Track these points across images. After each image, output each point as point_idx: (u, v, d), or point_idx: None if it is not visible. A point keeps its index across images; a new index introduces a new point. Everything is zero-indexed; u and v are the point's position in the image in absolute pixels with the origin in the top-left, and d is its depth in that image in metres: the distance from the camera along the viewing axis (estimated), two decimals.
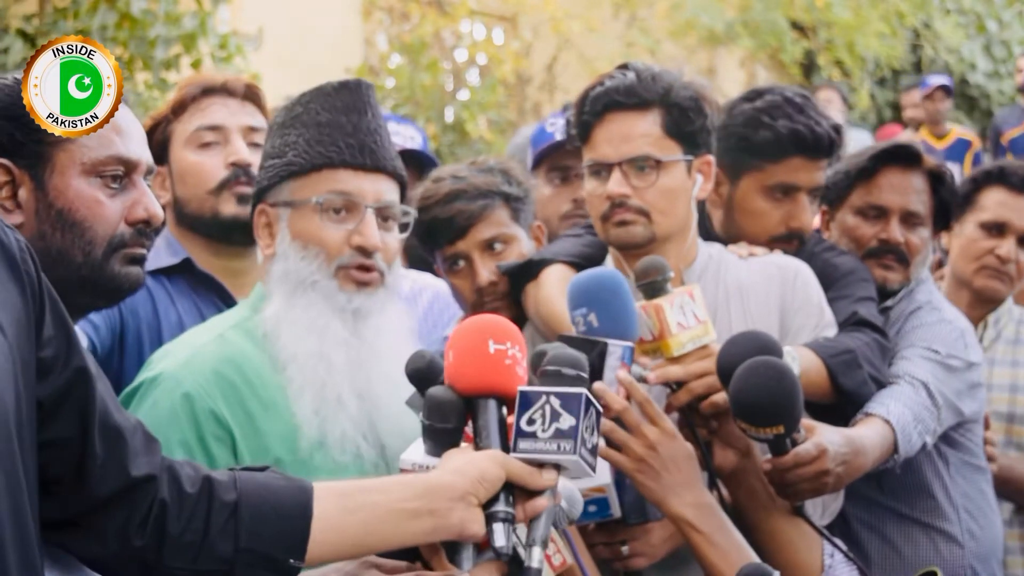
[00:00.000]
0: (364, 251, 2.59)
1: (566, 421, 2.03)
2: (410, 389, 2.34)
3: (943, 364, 3.37)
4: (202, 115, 3.28)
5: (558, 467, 2.06)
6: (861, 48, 13.07)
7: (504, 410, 2.13)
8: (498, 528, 2.01)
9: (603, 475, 2.67)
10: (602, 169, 3.03)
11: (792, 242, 3.40)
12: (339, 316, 2.58)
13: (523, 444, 2.04)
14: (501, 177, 3.34)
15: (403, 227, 2.71)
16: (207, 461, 2.44)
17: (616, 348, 2.63)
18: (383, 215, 2.64)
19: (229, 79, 3.34)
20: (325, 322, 2.57)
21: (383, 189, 2.64)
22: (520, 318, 3.24)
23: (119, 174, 2.45)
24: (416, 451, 2.23)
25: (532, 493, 2.05)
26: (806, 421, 2.83)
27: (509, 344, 2.13)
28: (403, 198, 2.73)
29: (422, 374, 2.27)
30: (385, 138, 2.67)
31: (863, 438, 3.02)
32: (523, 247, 3.35)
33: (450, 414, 2.15)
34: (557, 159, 4.02)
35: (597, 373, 2.60)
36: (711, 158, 3.13)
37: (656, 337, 2.76)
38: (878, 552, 3.49)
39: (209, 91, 3.31)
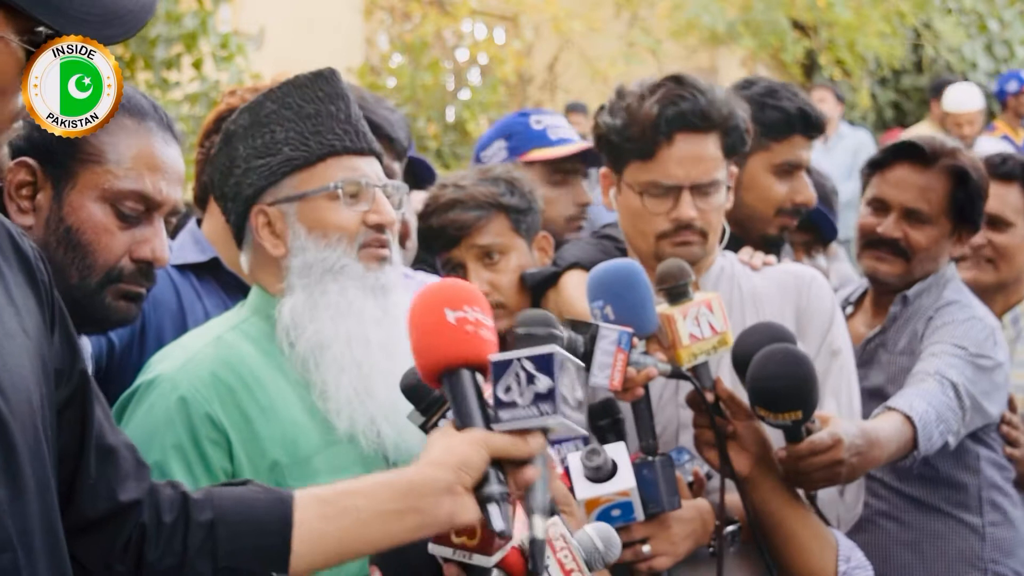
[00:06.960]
0: (380, 228, 2.60)
1: (543, 383, 1.97)
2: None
3: (973, 363, 3.36)
4: None
5: (545, 430, 2.01)
6: (862, 48, 13.06)
7: (479, 378, 2.06)
8: (493, 510, 1.96)
9: (627, 479, 2.66)
10: (669, 191, 3.01)
11: (795, 217, 3.62)
12: (371, 295, 2.57)
13: (504, 414, 1.99)
14: (504, 187, 3.35)
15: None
16: (202, 464, 2.43)
17: (609, 332, 2.62)
18: (386, 193, 2.65)
19: None
20: (361, 304, 2.56)
21: (379, 170, 2.65)
22: None
23: (138, 211, 2.44)
24: None
25: (522, 463, 1.99)
26: (821, 413, 2.85)
27: (467, 308, 2.05)
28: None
29: (415, 390, 2.25)
30: (365, 121, 2.69)
31: (879, 431, 3.02)
32: (523, 258, 3.34)
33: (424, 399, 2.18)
34: (560, 160, 4.00)
35: (588, 356, 2.60)
36: (735, 169, 3.17)
37: (670, 346, 2.76)
38: (894, 538, 3.50)
39: None
